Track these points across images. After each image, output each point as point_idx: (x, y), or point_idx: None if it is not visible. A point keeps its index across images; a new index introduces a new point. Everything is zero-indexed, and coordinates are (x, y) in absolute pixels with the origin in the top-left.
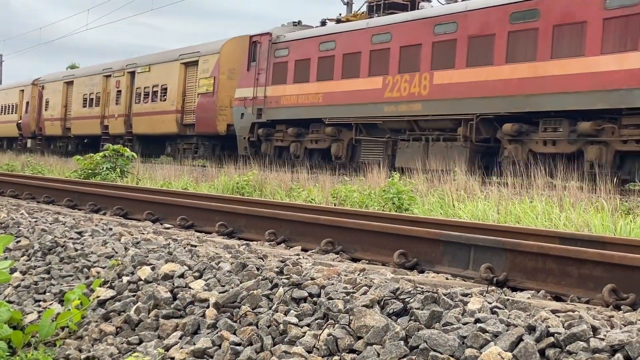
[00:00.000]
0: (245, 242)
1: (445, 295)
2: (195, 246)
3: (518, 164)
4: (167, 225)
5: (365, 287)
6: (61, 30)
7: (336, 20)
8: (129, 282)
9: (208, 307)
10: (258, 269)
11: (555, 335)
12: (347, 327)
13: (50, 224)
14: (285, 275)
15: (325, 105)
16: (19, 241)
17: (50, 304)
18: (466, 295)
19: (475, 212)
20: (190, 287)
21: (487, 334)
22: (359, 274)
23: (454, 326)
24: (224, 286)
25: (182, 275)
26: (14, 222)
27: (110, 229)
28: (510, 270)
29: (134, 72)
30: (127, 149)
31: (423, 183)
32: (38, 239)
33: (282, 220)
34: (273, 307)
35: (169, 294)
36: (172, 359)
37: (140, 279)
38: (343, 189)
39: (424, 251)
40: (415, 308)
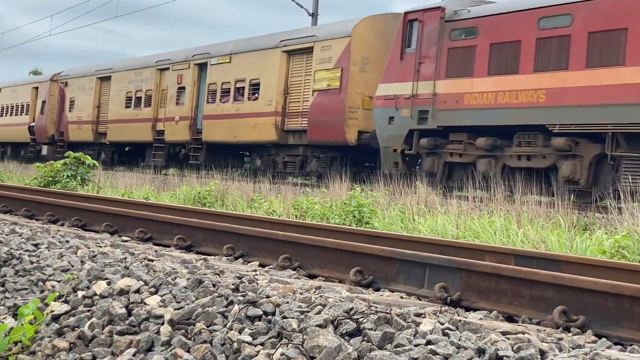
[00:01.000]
0: (203, 256)
1: (398, 315)
2: (152, 260)
3: None
4: (126, 237)
5: (319, 306)
6: (25, 35)
7: None
8: (84, 296)
9: (163, 323)
10: (214, 286)
11: (504, 358)
12: (300, 346)
13: (7, 235)
14: (241, 292)
15: (552, 106)
16: None
17: (4, 318)
18: (419, 316)
19: (435, 227)
20: (145, 303)
21: (438, 356)
22: (314, 292)
23: (406, 348)
24: (179, 302)
25: (137, 291)
26: None
27: (67, 241)
28: (464, 290)
29: (204, 63)
30: (88, 157)
31: (384, 196)
32: None
33: (240, 234)
34: (228, 325)
35: (124, 310)
36: None
37: (96, 294)
38: (305, 200)
39: (380, 269)
40: (368, 329)
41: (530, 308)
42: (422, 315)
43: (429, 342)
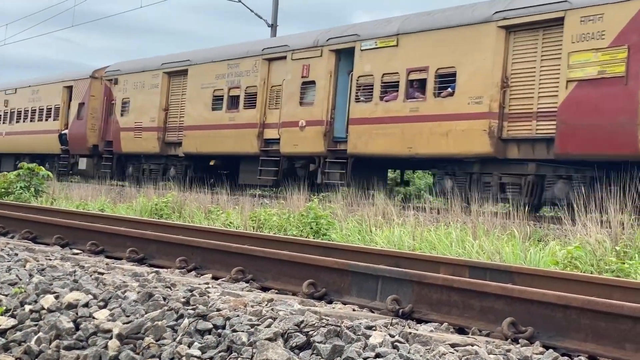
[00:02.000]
0: (156, 269)
1: (348, 328)
2: (103, 274)
3: None
4: (77, 250)
5: (270, 320)
6: None
7: None
8: (31, 310)
9: (111, 338)
10: (164, 299)
11: None
12: None
13: None
14: (192, 305)
15: None
16: None
17: None
18: (370, 328)
19: (392, 238)
20: (94, 317)
21: None
22: (266, 305)
23: None
24: (128, 316)
25: (86, 305)
26: None
27: (16, 254)
28: (416, 302)
29: (347, 49)
30: (42, 168)
31: (342, 208)
32: None
33: (194, 247)
34: (177, 339)
35: (71, 324)
36: None
37: (44, 308)
38: (262, 212)
39: (333, 281)
40: (318, 342)
41: (480, 320)
42: (373, 328)
43: (378, 355)
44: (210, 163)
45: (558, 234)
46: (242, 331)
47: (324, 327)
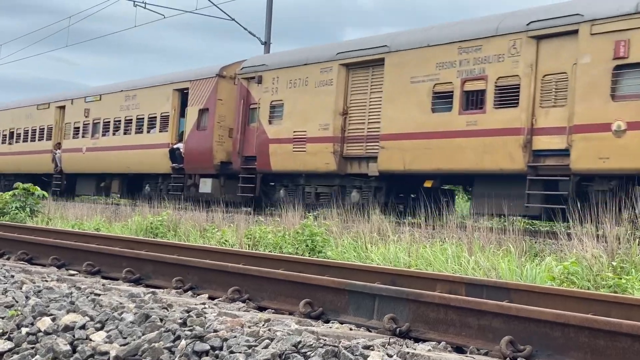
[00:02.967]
0: (152, 290)
1: (346, 348)
2: (99, 295)
3: None
4: (73, 271)
5: (267, 340)
6: None
7: None
8: (28, 333)
9: None
10: (161, 320)
11: None
12: None
13: None
14: (189, 326)
15: None
16: None
17: None
18: (368, 348)
19: (387, 255)
20: (91, 339)
21: None
22: (263, 325)
23: None
24: (125, 338)
25: (83, 327)
26: None
27: (12, 276)
28: (413, 321)
29: None
30: (37, 188)
31: (337, 225)
32: None
33: (190, 266)
34: None
35: (68, 347)
36: None
37: (40, 331)
38: (257, 230)
39: (330, 300)
40: None
41: (478, 338)
42: (371, 348)
43: None
44: (426, 184)
45: (554, 248)
46: (239, 352)
47: (321, 347)
